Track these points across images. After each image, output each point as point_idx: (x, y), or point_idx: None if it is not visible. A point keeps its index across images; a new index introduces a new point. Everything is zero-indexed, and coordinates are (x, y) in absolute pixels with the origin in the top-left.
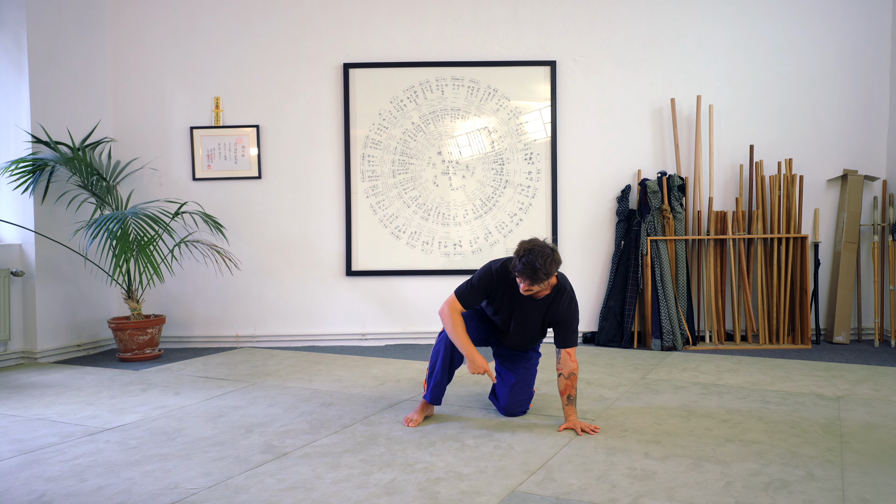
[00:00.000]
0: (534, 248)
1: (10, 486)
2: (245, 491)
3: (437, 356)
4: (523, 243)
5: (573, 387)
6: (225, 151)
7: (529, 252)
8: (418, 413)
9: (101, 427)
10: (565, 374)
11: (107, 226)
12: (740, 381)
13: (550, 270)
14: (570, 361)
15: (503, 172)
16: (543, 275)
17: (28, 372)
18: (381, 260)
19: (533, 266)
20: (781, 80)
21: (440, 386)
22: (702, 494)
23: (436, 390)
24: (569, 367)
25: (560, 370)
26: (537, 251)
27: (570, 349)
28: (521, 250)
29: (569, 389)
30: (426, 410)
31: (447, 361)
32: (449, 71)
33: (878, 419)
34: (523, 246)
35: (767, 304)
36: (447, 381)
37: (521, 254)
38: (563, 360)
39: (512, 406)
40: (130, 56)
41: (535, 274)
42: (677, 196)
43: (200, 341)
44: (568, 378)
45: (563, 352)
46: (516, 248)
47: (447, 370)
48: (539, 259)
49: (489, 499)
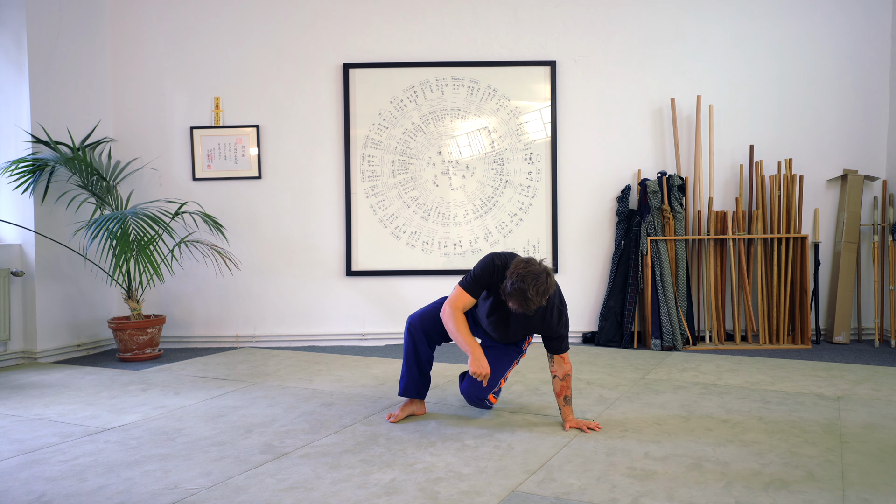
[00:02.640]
0: (528, 275)
1: (10, 486)
2: (245, 491)
3: (404, 350)
4: (519, 264)
5: (569, 387)
6: (225, 151)
7: (523, 279)
8: (401, 409)
9: (101, 427)
10: (560, 375)
11: (107, 226)
12: (740, 381)
13: (542, 301)
14: (563, 364)
15: (503, 172)
16: (534, 305)
17: (28, 372)
18: (381, 260)
19: (524, 294)
20: (781, 80)
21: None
22: (702, 494)
23: (404, 382)
24: (563, 370)
25: (554, 372)
26: (531, 279)
27: (563, 354)
28: (514, 273)
29: (565, 390)
30: (410, 407)
31: (411, 355)
32: (449, 71)
33: (878, 419)
34: (518, 269)
35: (767, 304)
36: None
37: (515, 278)
38: (556, 363)
39: (471, 390)
40: (130, 56)
41: (525, 303)
42: (677, 196)
43: (200, 341)
44: (563, 379)
45: (556, 357)
46: (511, 268)
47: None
48: (532, 288)
49: (489, 499)
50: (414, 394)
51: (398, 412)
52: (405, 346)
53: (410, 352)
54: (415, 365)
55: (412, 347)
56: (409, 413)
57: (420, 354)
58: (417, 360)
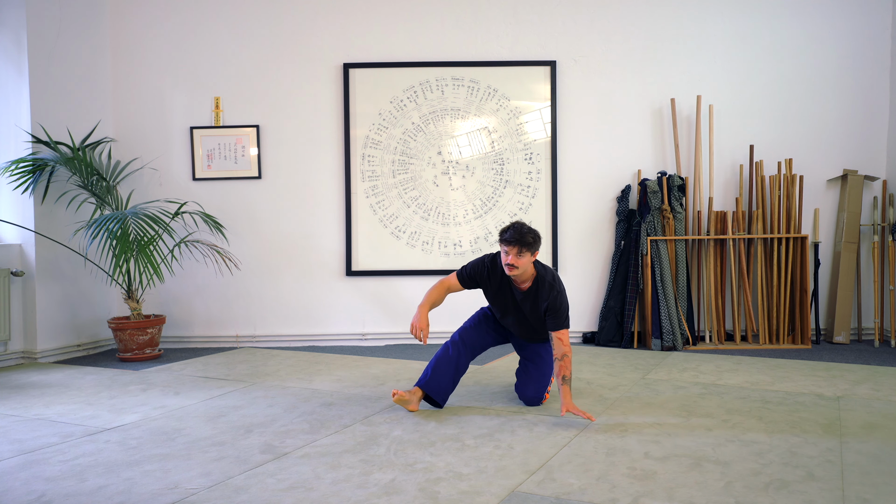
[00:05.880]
0: (515, 223)
1: (10, 486)
2: (245, 491)
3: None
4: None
5: (567, 368)
6: (225, 151)
7: (512, 224)
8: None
9: (101, 427)
10: (558, 356)
11: (107, 226)
12: (740, 381)
13: (535, 239)
14: (561, 345)
15: (503, 172)
16: (530, 238)
17: (28, 372)
18: (381, 260)
19: (520, 230)
20: (781, 80)
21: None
22: (702, 494)
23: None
24: (561, 350)
25: (553, 354)
26: (519, 223)
27: (561, 332)
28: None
29: (563, 370)
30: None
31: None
32: (449, 71)
33: (878, 419)
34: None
35: (767, 304)
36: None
37: (506, 227)
38: (555, 344)
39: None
40: (130, 56)
41: (521, 237)
42: (677, 196)
43: (200, 341)
44: (561, 360)
45: (555, 336)
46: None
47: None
48: (523, 226)
49: (489, 499)
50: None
51: (405, 392)
52: (449, 351)
53: (453, 358)
54: (452, 370)
55: (455, 354)
56: (410, 399)
57: (460, 364)
58: (456, 367)
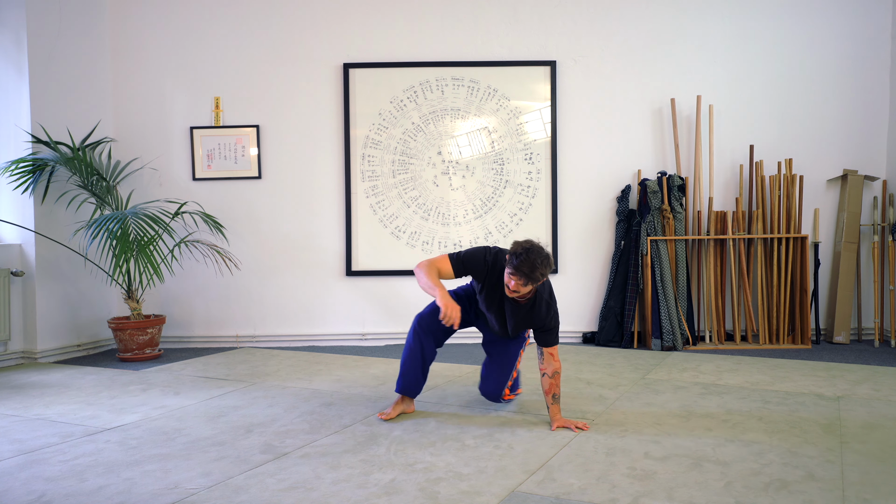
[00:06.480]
0: (532, 248)
1: (10, 486)
2: (245, 491)
3: (407, 348)
4: (519, 242)
5: (557, 385)
6: (225, 151)
7: (528, 251)
8: (392, 407)
9: (101, 427)
10: (549, 373)
11: (107, 226)
12: (740, 381)
13: (545, 273)
14: (553, 361)
15: (503, 172)
16: (540, 275)
17: (28, 372)
18: (381, 260)
19: (532, 264)
20: (781, 80)
21: (408, 376)
22: (702, 494)
23: (404, 380)
24: (552, 367)
25: (544, 370)
26: (535, 251)
27: (552, 348)
28: (518, 248)
29: (553, 388)
30: (402, 405)
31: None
32: (449, 71)
33: (878, 419)
34: (521, 245)
35: (767, 304)
36: (420, 373)
37: (520, 251)
38: (546, 359)
39: (485, 386)
40: (130, 56)
41: (532, 272)
42: (677, 196)
43: (200, 341)
44: (552, 377)
45: (546, 352)
46: (512, 246)
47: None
48: (539, 258)
49: (489, 499)
50: (412, 392)
51: (390, 410)
52: (410, 343)
53: (416, 350)
54: (419, 362)
55: (418, 345)
56: (401, 411)
57: (426, 352)
58: (423, 357)
